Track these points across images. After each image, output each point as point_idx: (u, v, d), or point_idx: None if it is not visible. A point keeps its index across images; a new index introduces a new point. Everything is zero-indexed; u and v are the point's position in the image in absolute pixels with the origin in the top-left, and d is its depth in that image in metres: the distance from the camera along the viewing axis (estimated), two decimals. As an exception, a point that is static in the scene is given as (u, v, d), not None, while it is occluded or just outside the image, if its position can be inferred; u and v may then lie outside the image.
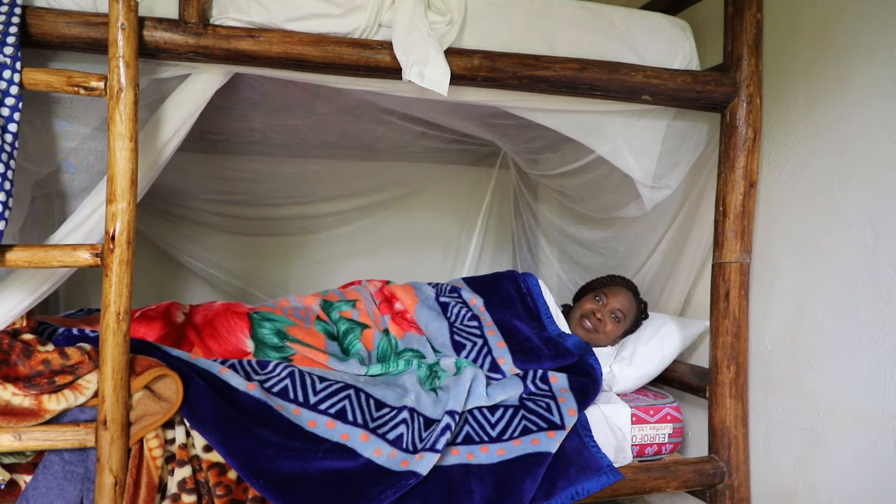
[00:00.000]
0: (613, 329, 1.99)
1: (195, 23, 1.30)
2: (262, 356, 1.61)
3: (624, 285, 2.07)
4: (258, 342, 1.64)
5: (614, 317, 1.98)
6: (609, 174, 1.98)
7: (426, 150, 2.55)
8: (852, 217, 1.48)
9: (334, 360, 1.64)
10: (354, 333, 1.75)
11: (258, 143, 2.34)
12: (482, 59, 1.47)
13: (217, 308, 1.70)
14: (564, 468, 1.48)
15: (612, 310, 1.99)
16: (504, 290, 2.00)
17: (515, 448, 1.50)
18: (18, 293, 1.27)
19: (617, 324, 1.98)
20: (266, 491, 1.25)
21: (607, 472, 1.49)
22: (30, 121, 1.39)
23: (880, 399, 1.40)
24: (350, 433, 1.41)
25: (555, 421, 1.56)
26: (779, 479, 1.65)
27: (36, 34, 1.22)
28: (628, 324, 2.00)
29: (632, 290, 2.06)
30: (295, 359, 1.63)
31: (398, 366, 1.67)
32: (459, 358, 1.73)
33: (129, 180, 1.18)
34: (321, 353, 1.65)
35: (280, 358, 1.62)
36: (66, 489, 1.23)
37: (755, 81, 1.65)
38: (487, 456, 1.47)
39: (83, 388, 1.25)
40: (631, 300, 2.02)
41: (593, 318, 1.99)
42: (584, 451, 1.53)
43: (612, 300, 2.00)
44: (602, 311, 1.99)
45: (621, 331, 2.00)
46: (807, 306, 1.59)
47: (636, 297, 2.05)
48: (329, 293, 1.90)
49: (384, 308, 1.86)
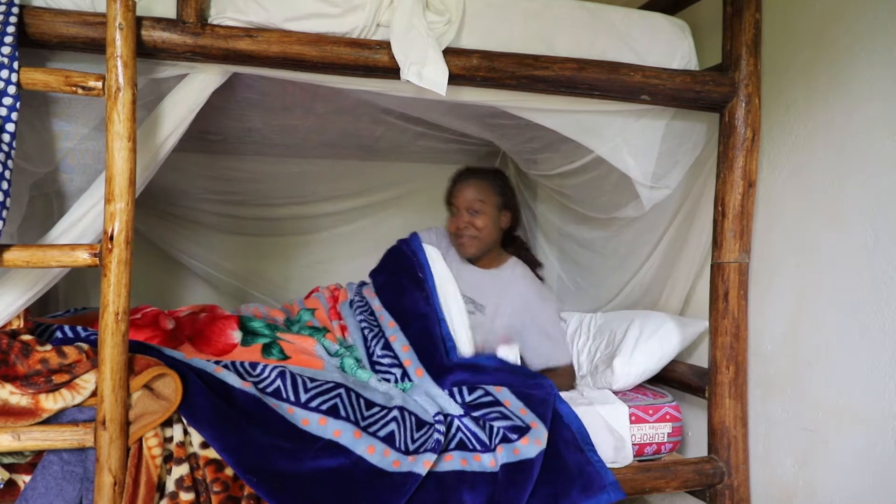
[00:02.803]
0: (483, 223, 1.96)
1: (193, 22, 1.30)
2: (250, 342, 1.65)
3: (466, 176, 2.00)
4: (247, 332, 1.69)
5: (471, 213, 1.96)
6: (608, 174, 1.98)
7: (425, 149, 2.55)
8: (852, 217, 1.48)
9: (321, 349, 1.71)
10: (319, 334, 1.83)
11: (257, 143, 2.34)
12: (481, 58, 1.47)
13: (204, 319, 1.74)
14: (566, 487, 1.44)
15: (467, 210, 1.96)
16: (388, 264, 2.05)
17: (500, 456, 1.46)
18: (13, 292, 1.27)
19: (479, 215, 1.96)
20: (260, 488, 1.25)
21: (609, 489, 1.46)
22: (28, 120, 1.39)
23: (880, 399, 1.40)
24: (342, 429, 1.41)
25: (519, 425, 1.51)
26: (779, 479, 1.64)
27: (34, 34, 1.22)
28: (494, 206, 1.97)
29: (472, 174, 1.99)
30: (285, 346, 1.67)
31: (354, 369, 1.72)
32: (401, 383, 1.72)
33: (128, 180, 1.18)
34: (309, 339, 1.73)
35: (270, 338, 1.67)
36: (65, 489, 1.23)
37: (754, 81, 1.65)
38: (480, 464, 1.46)
39: (81, 388, 1.25)
40: (478, 184, 1.97)
41: (456, 239, 2.00)
42: (588, 468, 1.49)
43: (460, 200, 1.97)
44: (458, 222, 1.97)
45: (490, 217, 1.97)
46: (806, 306, 1.59)
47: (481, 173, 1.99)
48: (293, 302, 2.04)
49: (333, 314, 1.96)
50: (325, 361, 1.68)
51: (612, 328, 2.03)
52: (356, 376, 1.68)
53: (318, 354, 1.71)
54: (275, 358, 1.63)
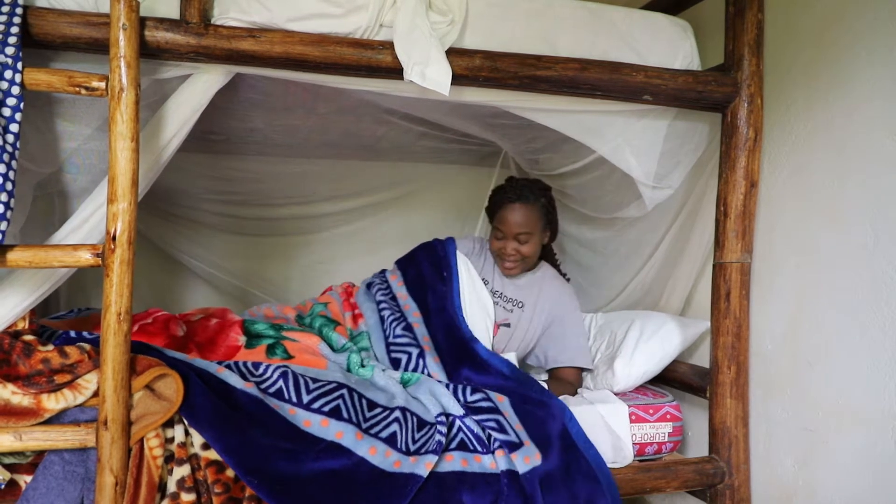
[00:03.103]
0: (529, 250, 1.96)
1: (196, 23, 1.30)
2: (254, 345, 1.66)
3: (515, 199, 1.94)
4: (250, 336, 1.70)
5: (519, 241, 1.95)
6: (610, 174, 1.98)
7: (427, 149, 2.55)
8: (852, 217, 1.48)
9: (325, 347, 1.73)
10: (329, 327, 1.86)
11: (259, 143, 2.34)
12: (483, 59, 1.47)
13: (215, 327, 1.74)
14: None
15: (515, 236, 1.94)
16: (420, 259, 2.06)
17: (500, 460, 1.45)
18: (19, 293, 1.27)
19: (527, 244, 1.95)
20: (260, 490, 1.25)
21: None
22: (31, 121, 1.39)
23: (880, 399, 1.40)
24: (345, 431, 1.41)
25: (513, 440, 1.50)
26: (779, 479, 1.65)
27: (37, 34, 1.22)
28: (540, 230, 1.97)
29: (521, 198, 1.94)
30: (289, 346, 1.67)
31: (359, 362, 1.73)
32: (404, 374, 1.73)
33: (131, 180, 1.18)
34: (314, 336, 1.75)
35: (274, 339, 1.68)
36: (67, 489, 1.23)
37: (756, 81, 1.65)
38: (481, 465, 1.45)
39: (82, 388, 1.25)
40: (526, 210, 1.94)
41: (501, 263, 2.00)
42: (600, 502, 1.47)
43: (510, 227, 1.94)
44: (506, 247, 1.96)
45: (536, 242, 1.97)
46: (807, 306, 1.59)
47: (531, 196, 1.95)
48: (306, 302, 2.06)
49: (346, 306, 2.01)
50: (329, 360, 1.69)
51: (613, 329, 2.03)
52: (358, 374, 1.68)
53: (322, 353, 1.72)
54: (279, 357, 1.63)
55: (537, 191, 1.99)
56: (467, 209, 2.91)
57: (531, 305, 2.03)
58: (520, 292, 2.05)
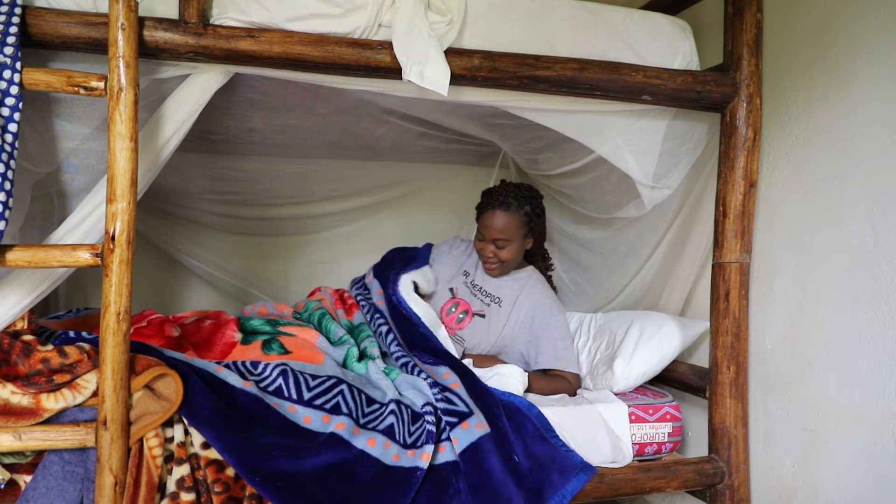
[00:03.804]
0: (508, 255, 2.00)
1: (195, 23, 1.30)
2: (250, 341, 1.67)
3: (496, 206, 1.97)
4: (246, 332, 1.72)
5: (497, 245, 1.99)
6: (609, 174, 1.98)
7: (426, 149, 2.55)
8: (852, 217, 1.48)
9: (323, 340, 1.75)
10: (327, 318, 1.93)
11: (258, 143, 2.34)
12: (482, 59, 1.47)
13: (209, 327, 1.75)
14: (546, 477, 1.47)
15: (493, 241, 1.99)
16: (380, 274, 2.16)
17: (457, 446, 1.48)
18: (17, 293, 1.27)
19: (504, 249, 1.99)
20: (262, 488, 1.26)
21: (583, 468, 1.51)
22: (30, 121, 1.39)
23: (880, 399, 1.40)
24: (346, 423, 1.43)
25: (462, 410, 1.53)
26: (779, 479, 1.65)
27: (36, 34, 1.22)
28: (519, 236, 2.00)
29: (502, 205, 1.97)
30: (285, 341, 1.67)
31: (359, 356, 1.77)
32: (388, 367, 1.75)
33: (129, 180, 1.18)
34: (312, 331, 1.78)
35: (270, 335, 1.70)
36: (66, 489, 1.23)
37: (755, 81, 1.65)
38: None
39: (81, 388, 1.25)
40: (506, 218, 1.97)
41: (483, 262, 2.06)
42: (557, 454, 1.52)
43: (489, 232, 1.99)
44: (485, 249, 2.02)
45: (515, 248, 2.00)
46: (807, 306, 1.59)
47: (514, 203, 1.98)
48: (298, 304, 2.11)
49: (338, 304, 2.08)
50: (326, 355, 1.69)
51: (612, 329, 2.03)
52: (353, 369, 1.69)
53: (319, 347, 1.73)
54: (275, 353, 1.63)
55: (522, 198, 2.00)
56: (466, 209, 2.90)
57: (509, 303, 2.04)
58: (499, 290, 2.07)
